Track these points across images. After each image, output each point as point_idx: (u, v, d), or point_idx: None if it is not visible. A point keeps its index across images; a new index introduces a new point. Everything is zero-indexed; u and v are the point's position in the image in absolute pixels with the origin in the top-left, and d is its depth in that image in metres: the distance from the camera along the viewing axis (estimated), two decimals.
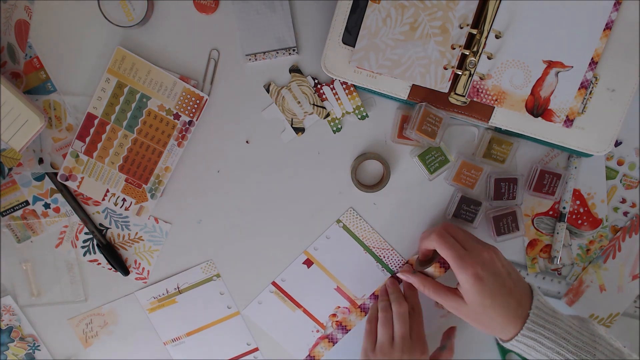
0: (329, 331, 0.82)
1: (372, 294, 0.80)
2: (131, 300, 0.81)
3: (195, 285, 0.81)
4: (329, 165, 0.78)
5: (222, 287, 0.81)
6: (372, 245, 0.79)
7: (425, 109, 0.70)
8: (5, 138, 0.71)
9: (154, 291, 0.81)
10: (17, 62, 0.75)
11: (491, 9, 0.66)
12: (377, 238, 0.79)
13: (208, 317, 0.82)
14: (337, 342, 0.81)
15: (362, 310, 0.81)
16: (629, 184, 0.79)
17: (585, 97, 0.69)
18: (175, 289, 0.81)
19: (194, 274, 0.80)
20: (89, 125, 0.75)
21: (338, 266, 0.80)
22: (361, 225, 0.79)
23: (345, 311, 0.81)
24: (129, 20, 0.72)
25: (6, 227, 0.78)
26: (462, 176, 0.75)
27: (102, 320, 0.81)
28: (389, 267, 0.80)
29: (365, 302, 0.80)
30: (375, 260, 0.79)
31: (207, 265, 0.80)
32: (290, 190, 0.79)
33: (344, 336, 0.81)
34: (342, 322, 0.81)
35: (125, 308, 0.81)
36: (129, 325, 0.82)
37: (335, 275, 0.80)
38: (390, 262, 0.80)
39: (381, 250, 0.79)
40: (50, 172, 0.77)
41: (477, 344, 0.83)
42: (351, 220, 0.79)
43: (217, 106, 0.76)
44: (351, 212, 0.79)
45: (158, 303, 0.81)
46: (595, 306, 0.82)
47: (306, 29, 0.75)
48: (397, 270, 0.80)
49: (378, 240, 0.79)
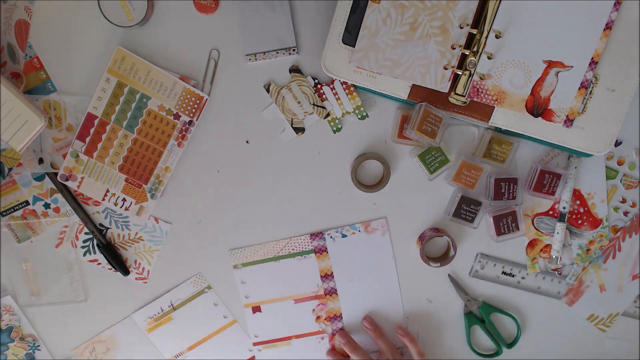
0: (329, 330, 0.82)
1: (320, 280, 0.81)
2: (129, 324, 0.81)
3: (188, 300, 0.81)
4: (329, 165, 0.78)
5: (214, 298, 0.81)
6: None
7: (425, 109, 0.70)
8: (5, 138, 0.71)
9: (149, 311, 0.81)
10: (17, 62, 0.75)
11: (491, 9, 0.66)
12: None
13: (206, 329, 0.82)
14: (342, 328, 0.82)
15: (329, 294, 0.81)
16: (629, 184, 0.79)
17: (585, 97, 0.69)
18: (169, 306, 0.81)
19: (185, 289, 0.81)
20: (89, 125, 0.75)
21: (281, 283, 0.81)
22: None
23: (322, 307, 0.81)
24: (129, 20, 0.72)
25: (6, 227, 0.78)
26: (462, 176, 0.75)
27: (104, 347, 0.82)
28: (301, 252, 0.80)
29: (323, 288, 0.81)
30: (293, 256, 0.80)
31: (197, 279, 0.80)
32: (290, 190, 0.79)
33: (341, 321, 0.81)
34: (329, 315, 0.81)
35: (124, 331, 0.81)
36: (131, 348, 0.82)
37: (285, 294, 0.81)
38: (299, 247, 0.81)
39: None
40: (50, 172, 0.77)
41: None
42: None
43: (217, 106, 0.76)
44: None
45: (155, 322, 0.81)
46: (595, 306, 0.82)
47: (306, 29, 0.75)
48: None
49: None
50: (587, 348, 0.83)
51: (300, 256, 0.80)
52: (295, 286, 0.81)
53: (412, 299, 0.81)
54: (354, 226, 0.79)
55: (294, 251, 0.80)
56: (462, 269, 0.81)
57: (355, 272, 0.81)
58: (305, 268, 0.80)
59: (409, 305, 0.81)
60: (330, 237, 0.80)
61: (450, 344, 0.83)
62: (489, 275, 0.81)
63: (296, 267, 0.80)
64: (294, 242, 0.80)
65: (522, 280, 0.81)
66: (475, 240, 0.80)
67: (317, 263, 0.80)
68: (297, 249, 0.80)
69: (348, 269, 0.81)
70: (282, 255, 0.80)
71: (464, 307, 0.82)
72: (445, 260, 0.78)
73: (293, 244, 0.80)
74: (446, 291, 0.82)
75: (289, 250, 0.80)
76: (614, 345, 0.83)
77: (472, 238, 0.80)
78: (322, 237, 0.79)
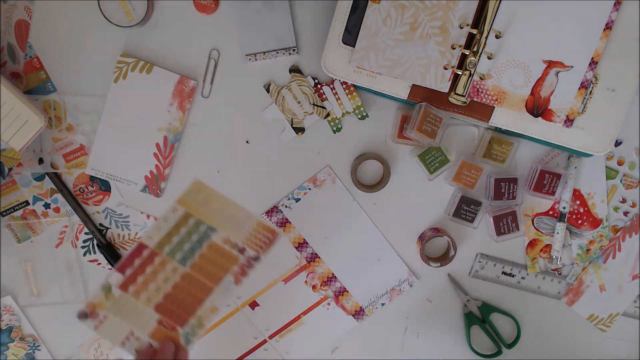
0: (330, 293, 0.81)
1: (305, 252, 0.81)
2: None
3: None
4: (328, 165, 0.78)
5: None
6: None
7: (425, 109, 0.70)
8: (5, 138, 0.71)
9: None
10: (17, 62, 0.75)
11: (491, 9, 0.66)
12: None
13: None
14: (343, 289, 0.81)
15: (311, 260, 0.80)
16: (629, 184, 0.79)
17: (585, 97, 0.69)
18: None
19: None
20: (136, 256, 0.62)
21: (262, 270, 0.78)
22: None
23: (312, 275, 0.81)
24: (129, 20, 0.72)
25: (6, 227, 0.78)
26: (462, 176, 0.75)
27: (109, 343, 0.81)
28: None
29: (303, 257, 0.80)
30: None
31: None
32: (290, 190, 0.79)
33: (338, 280, 0.81)
34: (323, 280, 0.81)
35: None
36: None
37: (272, 279, 0.81)
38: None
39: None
40: (51, 171, 0.77)
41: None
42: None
43: (217, 106, 0.76)
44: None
45: None
46: (595, 306, 0.82)
47: (306, 29, 0.75)
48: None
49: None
50: (587, 348, 0.83)
51: None
52: (277, 267, 0.81)
53: (408, 259, 0.81)
54: (302, 186, 0.79)
55: None
56: (462, 269, 0.81)
57: (326, 229, 0.80)
58: (277, 246, 0.79)
59: (390, 237, 0.80)
60: (286, 207, 0.79)
61: (450, 344, 0.83)
62: (489, 275, 0.81)
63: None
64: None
65: (522, 280, 0.81)
66: (475, 240, 0.80)
67: (285, 236, 0.80)
68: None
69: (317, 229, 0.80)
70: None
71: (464, 307, 0.82)
72: (445, 260, 0.78)
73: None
74: (446, 291, 0.82)
75: None
76: (614, 345, 0.83)
77: (472, 238, 0.80)
78: (278, 211, 0.79)
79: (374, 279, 0.81)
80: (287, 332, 0.82)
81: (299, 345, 0.83)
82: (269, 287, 0.81)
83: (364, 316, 0.82)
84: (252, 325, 0.82)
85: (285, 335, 0.82)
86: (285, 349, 0.83)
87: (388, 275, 0.81)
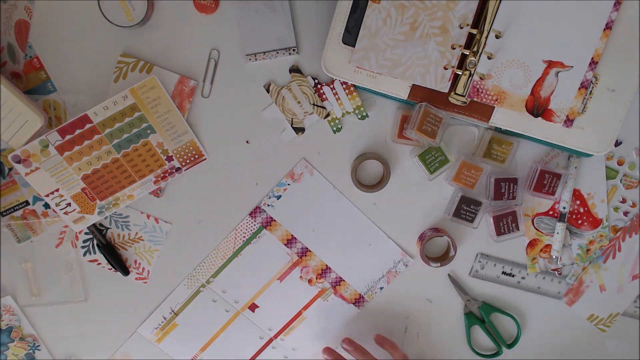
0: (327, 285, 0.81)
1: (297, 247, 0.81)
2: (137, 339, 0.81)
3: (187, 303, 0.81)
4: (329, 165, 0.78)
5: (212, 295, 0.81)
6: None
7: (425, 109, 0.70)
8: (5, 138, 0.71)
9: (153, 322, 0.81)
10: (17, 62, 0.75)
11: (491, 9, 0.66)
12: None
13: (212, 327, 0.82)
14: (340, 278, 0.81)
15: (303, 255, 0.80)
16: (629, 184, 0.79)
17: (585, 97, 0.69)
18: (170, 312, 0.81)
19: (181, 293, 0.81)
20: (78, 126, 0.72)
21: (256, 272, 0.81)
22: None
23: (306, 270, 0.81)
24: (129, 20, 0.72)
25: (6, 227, 0.78)
26: (462, 176, 0.75)
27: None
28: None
29: (294, 253, 0.80)
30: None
31: (189, 280, 0.80)
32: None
33: (333, 271, 0.81)
34: (318, 273, 0.81)
35: (135, 348, 0.82)
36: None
37: (267, 279, 0.81)
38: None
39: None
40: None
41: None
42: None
43: (217, 106, 0.76)
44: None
45: (162, 332, 0.81)
46: (595, 306, 0.82)
47: (306, 29, 0.75)
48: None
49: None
50: (587, 348, 0.83)
51: (254, 238, 0.80)
52: (270, 267, 0.81)
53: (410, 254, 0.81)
54: (281, 183, 0.79)
55: (247, 237, 0.80)
56: (462, 269, 0.81)
57: (312, 222, 0.80)
58: (266, 246, 0.80)
59: (390, 237, 0.80)
60: (268, 205, 0.79)
61: (450, 344, 0.83)
62: (489, 275, 0.81)
63: (258, 249, 0.80)
64: (240, 230, 0.80)
65: (522, 280, 0.81)
66: (475, 240, 0.80)
67: (273, 235, 0.80)
68: (247, 234, 0.80)
69: (303, 223, 0.80)
70: (239, 247, 0.80)
71: (464, 307, 0.82)
72: (445, 260, 0.78)
73: (241, 231, 0.80)
74: (446, 291, 0.82)
75: (242, 240, 0.80)
76: (614, 345, 0.83)
77: (472, 238, 0.80)
78: (261, 210, 0.79)
79: (368, 264, 0.81)
80: (290, 329, 0.82)
81: (305, 340, 0.83)
82: (265, 288, 0.81)
83: (364, 303, 0.82)
84: (255, 327, 0.82)
85: (289, 333, 0.82)
86: (292, 346, 0.83)
87: (382, 258, 0.81)
